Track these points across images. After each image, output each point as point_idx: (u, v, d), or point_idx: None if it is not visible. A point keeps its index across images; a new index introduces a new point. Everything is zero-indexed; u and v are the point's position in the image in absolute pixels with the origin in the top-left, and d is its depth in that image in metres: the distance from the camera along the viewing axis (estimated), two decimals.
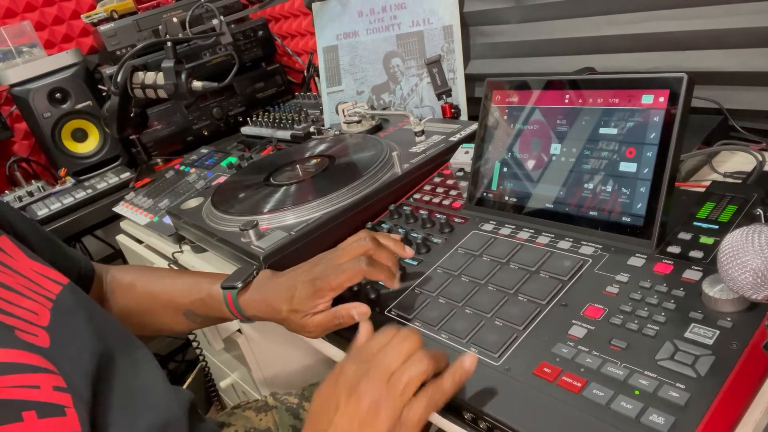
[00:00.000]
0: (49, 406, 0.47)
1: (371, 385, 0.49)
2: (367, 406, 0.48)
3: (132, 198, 1.36)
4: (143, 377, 0.63)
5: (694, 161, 0.80)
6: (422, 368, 0.49)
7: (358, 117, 1.18)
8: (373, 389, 0.48)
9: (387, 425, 0.47)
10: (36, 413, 0.46)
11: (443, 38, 1.20)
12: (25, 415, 0.45)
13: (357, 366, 0.51)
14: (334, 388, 0.50)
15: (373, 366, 0.50)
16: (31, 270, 0.61)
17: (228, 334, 1.08)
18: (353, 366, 0.51)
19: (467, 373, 0.51)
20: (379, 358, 0.50)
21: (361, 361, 0.51)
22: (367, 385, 0.49)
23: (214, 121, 1.68)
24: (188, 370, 1.89)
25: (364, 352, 0.52)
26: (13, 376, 0.47)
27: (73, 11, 1.79)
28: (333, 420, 0.49)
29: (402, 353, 0.50)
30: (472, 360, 0.51)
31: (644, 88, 0.63)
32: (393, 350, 0.51)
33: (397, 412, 0.48)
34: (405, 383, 0.48)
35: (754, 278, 0.46)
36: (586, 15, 1.01)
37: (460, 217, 0.81)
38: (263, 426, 0.87)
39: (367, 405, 0.48)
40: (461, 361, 0.51)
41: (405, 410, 0.48)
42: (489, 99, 0.79)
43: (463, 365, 0.51)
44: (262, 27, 1.72)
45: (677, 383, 0.47)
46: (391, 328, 0.54)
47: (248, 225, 0.82)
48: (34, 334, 0.53)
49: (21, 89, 1.49)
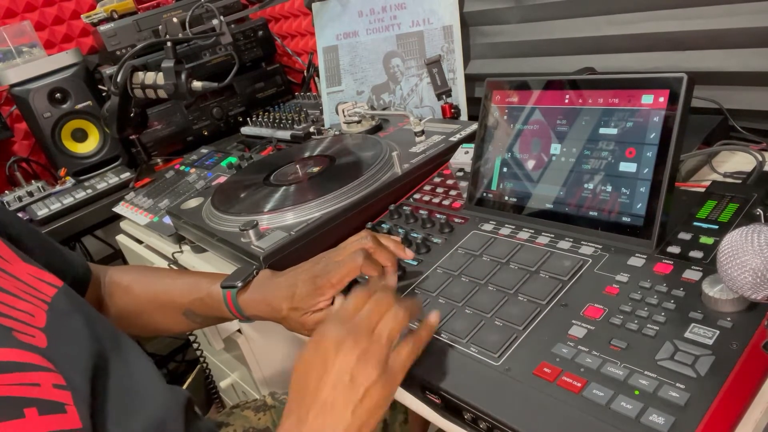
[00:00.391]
0: (49, 403, 0.47)
1: (357, 340, 0.52)
2: (356, 357, 0.51)
3: (132, 198, 1.36)
4: (138, 377, 0.63)
5: (694, 161, 0.80)
6: (399, 320, 0.54)
7: (358, 117, 1.18)
8: (360, 342, 0.52)
9: (377, 371, 0.51)
10: (37, 410, 0.46)
11: (443, 38, 1.20)
12: (27, 412, 0.46)
13: (339, 326, 0.54)
14: (317, 350, 0.53)
15: (356, 324, 0.53)
16: (26, 273, 0.61)
17: (228, 334, 1.08)
18: (336, 327, 0.54)
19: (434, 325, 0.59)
20: (360, 317, 0.54)
21: (342, 322, 0.54)
22: (353, 340, 0.52)
23: (214, 121, 1.68)
24: (188, 370, 1.89)
25: (342, 315, 0.55)
26: (13, 374, 0.47)
27: (73, 11, 1.79)
28: (322, 377, 0.51)
29: (380, 310, 0.55)
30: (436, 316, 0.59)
31: (644, 88, 0.63)
32: (371, 308, 0.55)
33: (383, 360, 0.52)
34: (387, 335, 0.53)
35: (753, 278, 0.46)
36: (586, 15, 1.01)
37: (460, 217, 0.80)
38: (262, 425, 0.87)
39: (356, 356, 0.51)
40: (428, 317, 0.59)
41: (391, 358, 0.53)
42: (489, 99, 0.79)
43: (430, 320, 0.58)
44: (262, 27, 1.72)
45: (677, 383, 0.46)
46: (362, 289, 0.58)
47: (248, 225, 0.82)
48: (32, 335, 0.53)
49: (21, 89, 1.49)
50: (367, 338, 0.52)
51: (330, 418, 0.49)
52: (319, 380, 0.51)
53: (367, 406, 0.50)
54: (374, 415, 0.51)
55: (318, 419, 0.50)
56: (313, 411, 0.50)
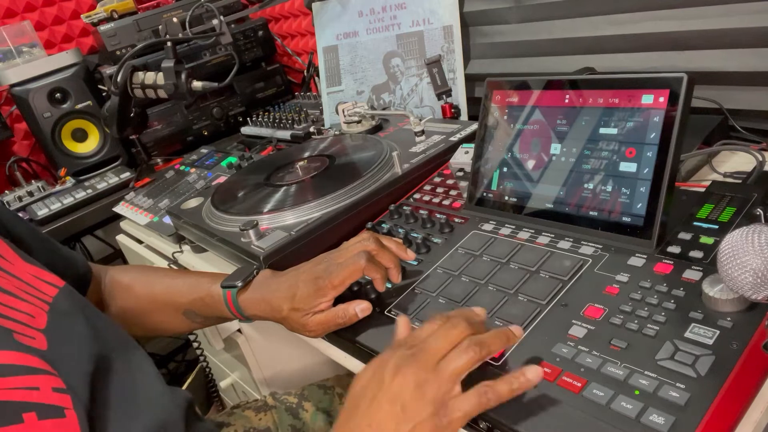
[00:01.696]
0: (48, 408, 0.47)
1: (417, 367, 0.47)
2: (413, 386, 0.46)
3: (132, 198, 1.36)
4: (140, 379, 0.63)
5: (694, 161, 0.80)
6: (471, 355, 0.48)
7: (358, 117, 1.18)
8: (420, 371, 0.47)
9: (431, 409, 0.46)
10: (36, 414, 0.46)
11: (443, 38, 1.20)
12: (26, 417, 0.45)
13: (403, 351, 0.49)
14: (377, 370, 0.49)
15: (420, 350, 0.48)
16: (27, 273, 0.61)
17: (228, 334, 1.08)
18: (399, 351, 0.49)
19: (529, 384, 0.48)
20: (426, 343, 0.49)
21: (407, 347, 0.49)
22: (413, 367, 0.47)
23: (214, 121, 1.68)
24: (188, 370, 1.89)
25: (411, 339, 0.51)
26: (13, 378, 0.47)
27: (73, 11, 1.79)
28: (376, 397, 0.47)
29: (451, 339, 0.49)
30: (537, 373, 0.48)
31: (644, 88, 0.63)
32: (441, 336, 0.49)
33: (442, 397, 0.46)
34: (452, 369, 0.47)
35: (753, 278, 0.46)
36: (586, 15, 1.01)
37: (460, 217, 0.81)
38: (262, 426, 0.87)
39: (413, 386, 0.46)
40: (524, 370, 0.48)
41: (453, 400, 0.47)
42: (489, 99, 0.79)
43: (526, 375, 0.48)
44: (262, 27, 1.72)
45: (677, 383, 0.47)
46: (440, 316, 0.52)
47: (248, 225, 0.82)
48: (32, 337, 0.53)
49: (21, 89, 1.49)
50: (429, 367, 0.47)
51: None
52: (372, 400, 0.47)
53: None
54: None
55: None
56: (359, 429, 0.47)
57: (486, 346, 0.49)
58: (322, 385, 0.96)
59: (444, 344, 0.49)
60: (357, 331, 0.67)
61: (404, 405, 0.46)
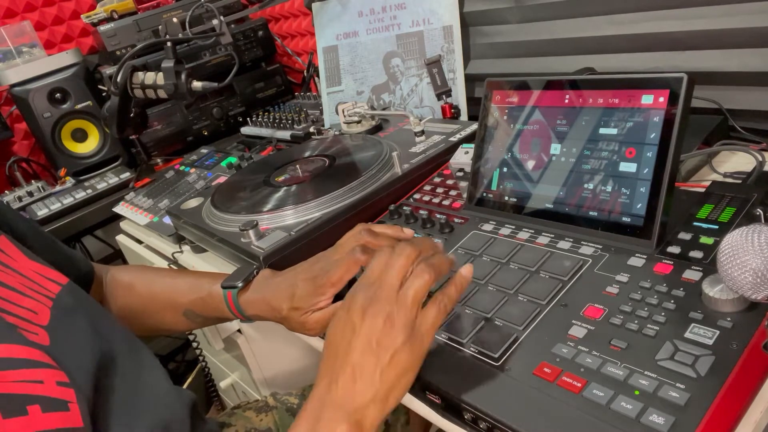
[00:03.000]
0: (52, 401, 0.47)
1: (381, 304, 0.51)
2: (381, 322, 0.50)
3: (132, 198, 1.36)
4: (146, 377, 0.63)
5: (694, 161, 0.80)
6: (425, 279, 0.52)
7: (358, 117, 1.18)
8: (384, 306, 0.51)
9: (403, 335, 0.50)
10: (40, 407, 0.46)
11: (443, 38, 1.20)
12: (30, 409, 0.46)
13: (364, 292, 0.53)
14: (346, 316, 0.52)
15: (380, 288, 0.52)
16: (30, 270, 0.61)
17: (228, 334, 1.08)
18: (360, 293, 0.53)
19: (467, 279, 0.56)
20: (383, 280, 0.53)
21: (367, 287, 0.53)
22: (377, 305, 0.51)
23: (214, 121, 1.68)
24: (188, 370, 1.89)
25: (367, 278, 0.54)
26: (17, 371, 0.47)
27: (73, 11, 1.79)
28: (351, 343, 0.51)
29: (403, 268, 0.53)
30: (469, 269, 0.56)
31: (644, 88, 0.63)
32: (394, 269, 0.53)
33: (410, 322, 0.51)
34: (412, 296, 0.51)
35: (753, 278, 0.46)
36: (587, 15, 1.01)
37: (460, 217, 0.81)
38: (263, 426, 0.87)
39: (382, 321, 0.50)
40: (460, 270, 0.56)
41: (418, 320, 0.51)
42: (489, 99, 0.79)
43: (462, 273, 0.56)
44: (262, 27, 1.72)
45: (677, 383, 0.46)
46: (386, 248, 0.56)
47: (248, 225, 0.82)
48: (35, 333, 0.53)
49: (21, 89, 1.49)
50: (391, 300, 0.51)
51: (359, 382, 0.50)
52: (348, 345, 0.51)
53: (395, 370, 0.50)
54: (403, 378, 0.51)
55: (348, 384, 0.50)
56: (342, 376, 0.50)
57: (436, 266, 0.54)
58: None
59: (397, 274, 0.53)
60: None
61: (378, 340, 0.50)
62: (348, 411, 0.49)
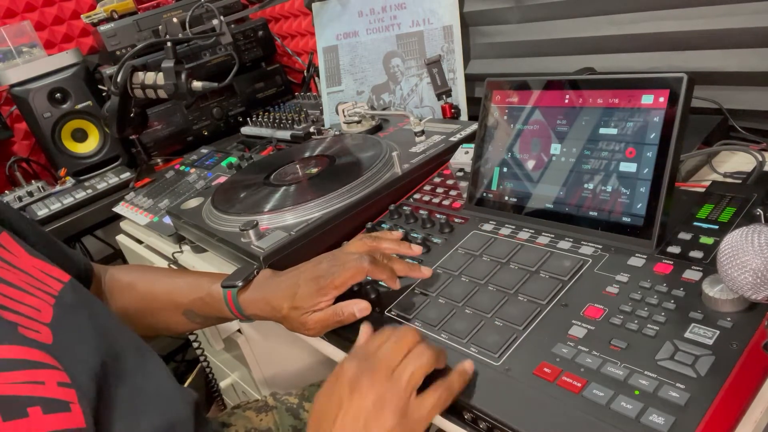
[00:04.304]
0: (54, 402, 0.47)
1: (373, 380, 0.48)
2: (371, 401, 0.47)
3: (132, 198, 1.36)
4: (150, 377, 0.63)
5: (694, 161, 0.80)
6: (423, 361, 0.50)
7: (358, 117, 1.18)
8: (376, 384, 0.48)
9: (393, 420, 0.47)
10: (41, 409, 0.46)
11: (443, 38, 1.20)
12: (30, 411, 0.45)
13: (357, 363, 0.51)
14: (335, 386, 0.50)
15: (374, 362, 0.50)
16: (32, 267, 0.61)
17: (228, 334, 1.08)
18: (354, 363, 0.51)
19: (468, 375, 0.53)
20: (379, 354, 0.50)
21: (361, 359, 0.51)
22: (369, 381, 0.48)
23: (214, 121, 1.68)
24: (188, 370, 1.89)
25: (364, 350, 0.52)
26: (18, 372, 0.47)
27: (73, 11, 1.79)
28: (337, 418, 0.48)
29: (402, 348, 0.51)
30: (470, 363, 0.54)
31: (644, 88, 0.63)
32: (392, 346, 0.51)
33: (402, 406, 0.48)
34: (407, 377, 0.49)
35: (753, 278, 0.46)
36: (587, 15, 1.01)
37: (460, 217, 0.80)
38: (263, 426, 0.87)
39: (372, 400, 0.48)
40: (462, 364, 0.54)
41: (412, 406, 0.48)
42: (489, 99, 0.79)
43: (465, 367, 0.53)
44: (262, 27, 1.72)
45: (677, 383, 0.47)
46: (390, 327, 0.54)
47: (248, 225, 0.82)
48: (37, 331, 0.53)
49: (21, 89, 1.49)
50: (385, 379, 0.48)
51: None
52: (334, 420, 0.48)
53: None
54: None
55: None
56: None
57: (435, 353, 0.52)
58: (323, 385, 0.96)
59: (395, 353, 0.50)
60: (357, 331, 0.67)
61: (366, 421, 0.47)
62: None
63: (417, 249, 0.71)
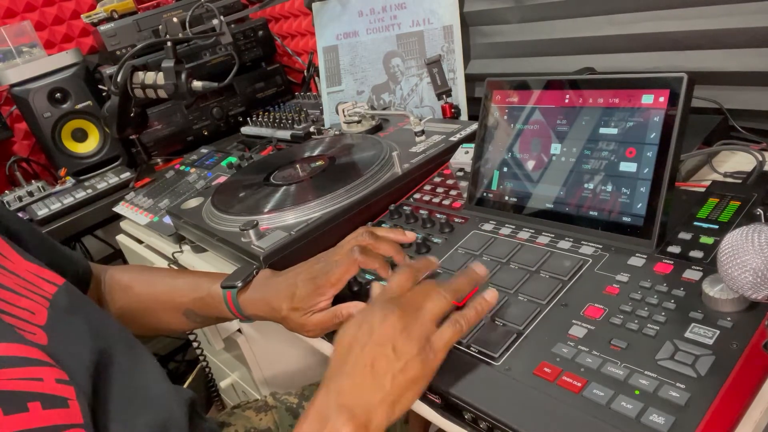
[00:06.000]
0: (52, 398, 0.48)
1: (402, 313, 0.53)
2: (400, 329, 0.52)
3: (132, 198, 1.36)
4: (143, 376, 0.63)
5: (694, 161, 0.80)
6: (444, 303, 0.55)
7: (358, 117, 1.18)
8: (404, 316, 0.53)
9: (418, 346, 0.52)
10: (40, 404, 0.46)
11: (443, 38, 1.20)
12: (30, 406, 0.46)
13: (385, 302, 0.55)
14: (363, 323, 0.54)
15: (402, 302, 0.55)
16: (27, 271, 0.62)
17: (228, 334, 1.08)
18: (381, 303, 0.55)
19: (489, 305, 0.57)
20: (405, 297, 0.56)
21: (385, 302, 0.55)
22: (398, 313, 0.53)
23: (214, 121, 1.68)
24: (188, 370, 1.89)
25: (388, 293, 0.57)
26: (17, 369, 0.47)
27: (73, 11, 1.79)
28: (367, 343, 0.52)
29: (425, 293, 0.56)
30: (493, 294, 0.58)
31: (644, 88, 0.63)
32: (416, 292, 0.56)
33: (426, 336, 0.53)
34: (430, 315, 0.54)
35: (754, 278, 0.46)
36: (587, 15, 1.01)
37: (460, 217, 0.80)
38: (263, 426, 0.87)
39: (400, 329, 0.52)
40: (483, 294, 0.58)
41: (434, 336, 0.53)
42: (489, 99, 0.79)
43: (485, 297, 0.57)
44: (262, 27, 1.72)
45: (677, 383, 0.46)
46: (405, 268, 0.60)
47: (248, 225, 0.82)
48: (32, 333, 0.53)
49: (21, 89, 1.49)
50: (413, 314, 0.53)
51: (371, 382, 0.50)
52: (364, 345, 0.52)
53: (405, 379, 0.50)
54: (411, 389, 0.51)
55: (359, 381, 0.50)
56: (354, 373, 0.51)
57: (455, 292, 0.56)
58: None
59: (420, 296, 0.55)
60: None
61: (395, 345, 0.51)
62: (355, 409, 0.49)
63: (411, 235, 0.72)
